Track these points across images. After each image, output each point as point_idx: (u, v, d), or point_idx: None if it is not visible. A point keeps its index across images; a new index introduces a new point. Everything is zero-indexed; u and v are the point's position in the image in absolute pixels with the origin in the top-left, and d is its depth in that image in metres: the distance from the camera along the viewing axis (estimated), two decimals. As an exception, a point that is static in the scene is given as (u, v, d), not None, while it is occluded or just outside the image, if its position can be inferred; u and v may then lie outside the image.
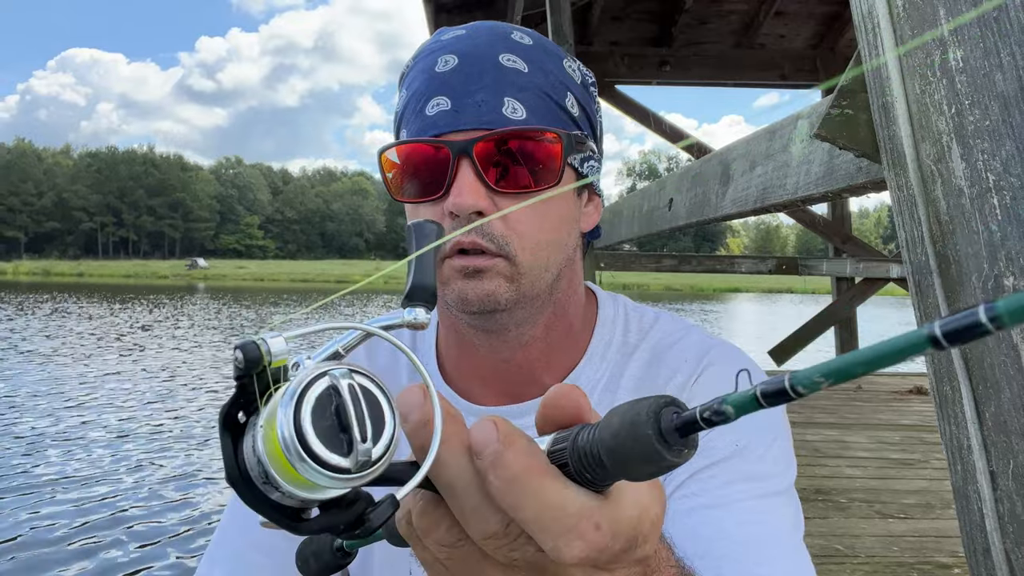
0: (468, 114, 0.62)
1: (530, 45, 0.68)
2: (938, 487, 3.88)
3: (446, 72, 0.64)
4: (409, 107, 0.66)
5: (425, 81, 0.65)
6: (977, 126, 0.78)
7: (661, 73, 6.26)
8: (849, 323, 7.90)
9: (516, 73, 0.64)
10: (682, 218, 2.32)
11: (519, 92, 0.64)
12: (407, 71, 0.71)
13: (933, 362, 0.91)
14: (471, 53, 0.64)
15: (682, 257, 7.57)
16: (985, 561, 0.85)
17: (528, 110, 0.64)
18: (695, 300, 46.15)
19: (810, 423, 5.28)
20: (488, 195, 0.63)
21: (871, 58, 0.94)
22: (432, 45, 0.69)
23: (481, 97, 0.63)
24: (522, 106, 0.64)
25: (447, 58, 0.65)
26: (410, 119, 0.66)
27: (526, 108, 0.64)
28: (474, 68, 0.63)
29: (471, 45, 0.65)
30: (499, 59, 0.64)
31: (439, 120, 0.63)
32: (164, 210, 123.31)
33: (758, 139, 1.60)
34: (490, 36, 0.67)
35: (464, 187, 0.62)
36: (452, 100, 0.63)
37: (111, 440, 7.45)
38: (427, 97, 0.64)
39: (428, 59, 0.67)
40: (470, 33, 0.68)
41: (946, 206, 0.83)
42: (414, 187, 0.65)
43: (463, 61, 0.64)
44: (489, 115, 0.63)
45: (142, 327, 19.61)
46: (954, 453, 0.88)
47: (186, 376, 11.71)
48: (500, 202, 0.64)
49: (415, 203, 0.66)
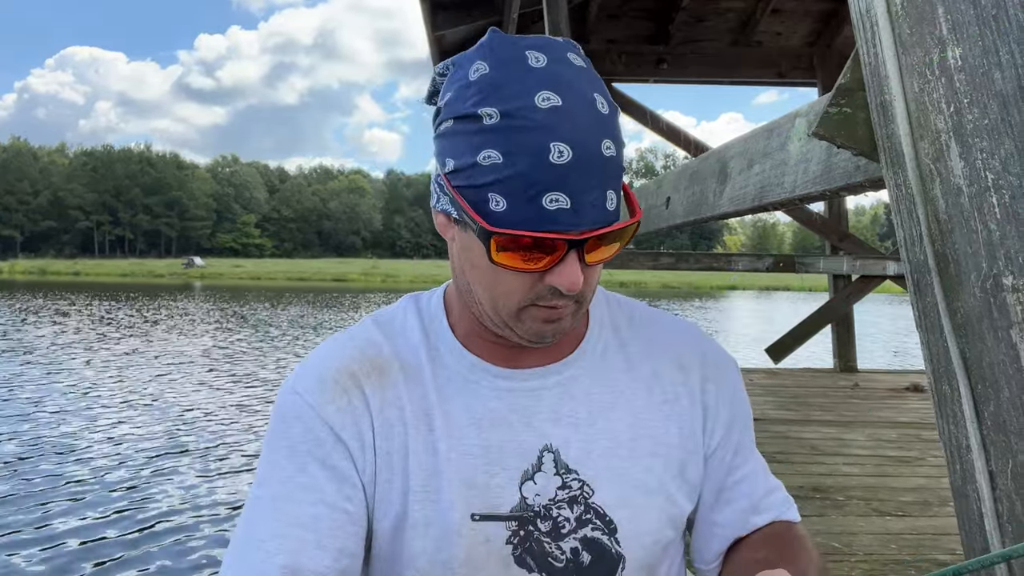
0: (585, 215, 0.71)
1: (608, 115, 0.73)
2: (935, 485, 3.89)
3: (562, 166, 0.69)
4: (515, 186, 0.70)
5: (537, 167, 0.69)
6: (976, 125, 0.78)
7: (658, 71, 6.26)
8: (846, 320, 7.91)
9: (611, 162, 0.72)
10: (680, 216, 2.32)
11: (614, 182, 0.73)
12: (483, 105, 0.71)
13: (932, 361, 0.90)
14: (581, 145, 0.70)
15: (680, 255, 7.57)
16: (984, 560, 0.85)
17: (617, 196, 0.74)
18: (693, 298, 46.20)
19: (807, 421, 5.29)
20: (583, 270, 0.74)
21: (869, 56, 0.94)
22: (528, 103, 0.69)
23: (594, 197, 0.71)
24: (615, 195, 0.73)
25: (560, 148, 0.69)
26: (519, 200, 0.70)
27: (616, 195, 0.74)
28: (586, 165, 0.70)
29: (576, 130, 0.70)
30: (602, 150, 0.71)
31: (560, 218, 0.70)
32: (160, 209, 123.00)
33: (756, 137, 1.60)
34: (587, 114, 0.71)
35: (573, 273, 0.72)
36: (571, 199, 0.70)
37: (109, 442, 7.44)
38: (542, 188, 0.69)
39: (537, 138, 0.69)
40: (567, 106, 0.70)
41: (945, 205, 0.83)
42: (517, 259, 0.73)
43: (577, 157, 0.69)
44: (599, 212, 0.72)
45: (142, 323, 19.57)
46: (953, 452, 0.88)
47: (182, 375, 11.69)
48: (587, 271, 0.76)
49: (516, 272, 0.74)
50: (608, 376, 0.86)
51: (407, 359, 0.84)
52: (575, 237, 0.71)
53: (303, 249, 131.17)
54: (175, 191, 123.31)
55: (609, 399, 0.85)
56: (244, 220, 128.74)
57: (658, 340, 0.91)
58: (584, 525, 0.81)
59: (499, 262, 0.73)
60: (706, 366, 0.90)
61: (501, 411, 0.82)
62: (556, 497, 0.80)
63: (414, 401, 0.82)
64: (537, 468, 0.80)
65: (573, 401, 0.84)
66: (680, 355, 0.90)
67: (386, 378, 0.83)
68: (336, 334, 0.90)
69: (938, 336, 0.88)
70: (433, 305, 0.89)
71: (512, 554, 0.79)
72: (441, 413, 0.81)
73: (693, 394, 0.88)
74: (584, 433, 0.83)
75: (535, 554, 0.80)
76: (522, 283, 0.75)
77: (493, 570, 0.79)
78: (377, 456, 0.80)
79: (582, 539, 0.80)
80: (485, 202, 0.71)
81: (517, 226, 0.70)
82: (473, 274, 0.77)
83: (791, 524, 0.89)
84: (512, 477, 0.80)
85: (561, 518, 0.80)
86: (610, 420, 0.84)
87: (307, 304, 31.12)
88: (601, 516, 0.81)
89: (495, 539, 0.79)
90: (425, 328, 0.87)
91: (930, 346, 0.90)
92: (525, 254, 0.72)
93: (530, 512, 0.80)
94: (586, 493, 0.81)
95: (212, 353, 14.54)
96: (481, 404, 0.82)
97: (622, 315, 0.93)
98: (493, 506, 0.79)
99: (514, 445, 0.81)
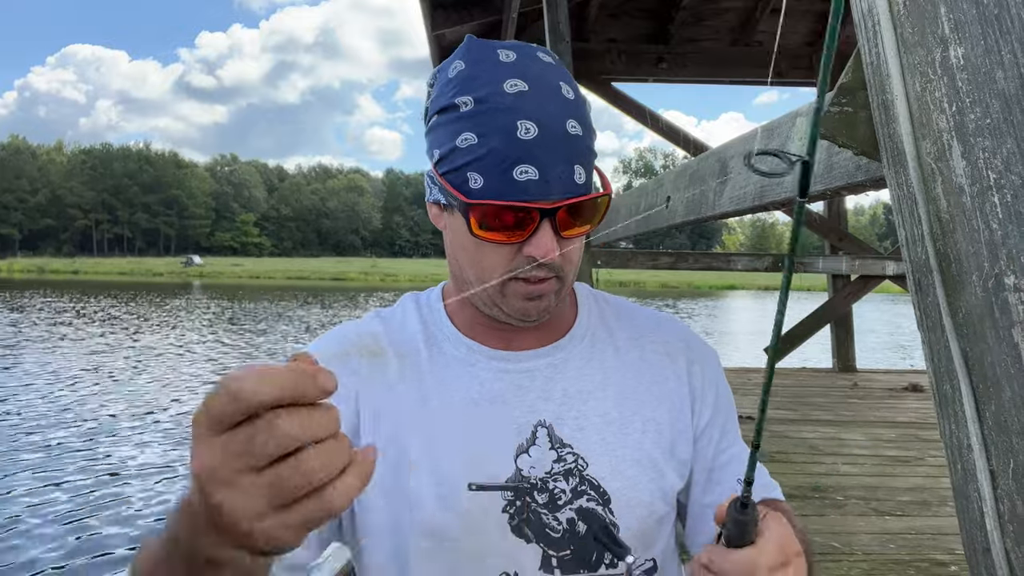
0: (554, 185, 0.77)
1: (575, 100, 0.81)
2: (934, 484, 3.89)
3: (528, 141, 0.77)
4: (489, 162, 0.78)
5: (507, 143, 0.77)
6: (978, 124, 0.78)
7: (658, 70, 6.25)
8: (845, 320, 7.92)
9: (577, 140, 0.79)
10: (680, 216, 2.32)
11: (580, 157, 0.80)
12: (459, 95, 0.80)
13: (933, 360, 0.90)
14: (546, 124, 0.77)
15: (679, 254, 7.56)
16: (985, 560, 0.85)
17: (586, 171, 0.81)
18: (693, 297, 46.19)
19: (807, 420, 5.29)
20: (560, 243, 0.81)
21: (871, 55, 0.94)
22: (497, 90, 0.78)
23: (561, 169, 0.78)
24: (583, 169, 0.80)
25: (527, 126, 0.76)
26: (493, 174, 0.77)
27: (584, 170, 0.80)
28: (552, 141, 0.77)
29: (542, 110, 0.78)
30: (567, 128, 0.78)
31: (530, 188, 0.77)
32: (159, 207, 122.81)
33: (756, 137, 1.60)
34: (553, 98, 0.79)
35: (547, 242, 0.79)
36: (539, 171, 0.77)
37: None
38: (512, 162, 0.77)
39: (505, 117, 0.77)
40: (533, 92, 0.78)
41: (946, 204, 0.83)
42: (496, 232, 0.80)
43: (542, 133, 0.77)
44: (567, 184, 0.78)
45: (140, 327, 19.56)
46: (954, 452, 0.88)
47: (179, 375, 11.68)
48: (563, 243, 0.82)
49: (495, 244, 0.81)
50: (597, 359, 0.92)
51: (403, 347, 0.90)
52: (546, 206, 0.78)
53: (302, 248, 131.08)
54: (174, 190, 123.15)
55: (599, 380, 0.90)
56: (243, 219, 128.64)
57: (644, 330, 0.97)
58: (579, 496, 0.84)
59: (479, 235, 0.80)
60: (691, 351, 0.96)
61: (496, 389, 0.87)
62: (552, 470, 0.84)
63: (408, 383, 0.87)
64: (531, 442, 0.85)
65: (565, 381, 0.89)
66: (666, 343, 0.96)
67: (377, 361, 0.88)
68: (341, 323, 0.97)
69: (939, 335, 0.88)
70: (432, 299, 0.96)
71: (509, 523, 0.83)
72: (438, 392, 0.87)
73: (680, 376, 0.93)
74: (576, 410, 0.87)
75: (532, 524, 0.84)
76: (502, 256, 0.81)
77: (491, 538, 0.83)
78: (362, 436, 0.85)
79: (578, 509, 0.84)
80: (465, 181, 0.79)
81: (493, 198, 0.77)
82: (462, 256, 0.84)
83: (777, 501, 0.93)
84: (507, 450, 0.85)
85: (557, 490, 0.84)
86: (600, 399, 0.89)
87: (307, 304, 31.09)
88: (595, 488, 0.85)
89: (492, 508, 0.83)
90: (423, 319, 0.94)
91: (931, 345, 0.90)
92: (503, 227, 0.79)
93: (526, 484, 0.84)
94: (580, 466, 0.85)
95: (214, 350, 14.54)
96: (477, 383, 0.87)
97: (609, 309, 0.99)
98: (489, 476, 0.83)
99: (508, 420, 0.86)
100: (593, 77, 6.15)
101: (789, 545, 0.63)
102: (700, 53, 6.46)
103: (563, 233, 0.80)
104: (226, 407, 0.44)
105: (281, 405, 0.44)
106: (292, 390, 0.44)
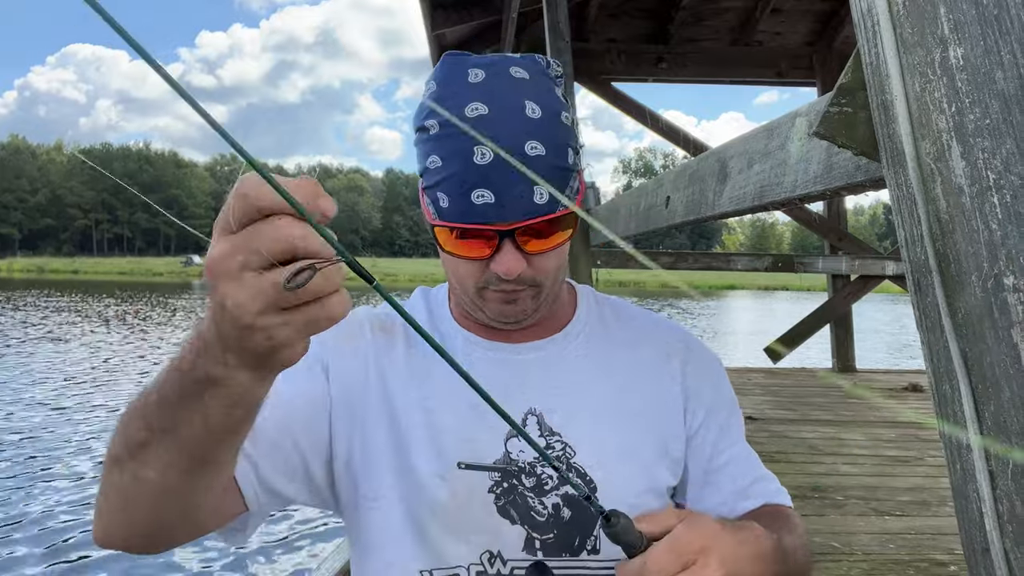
0: (510, 208, 0.79)
1: (541, 119, 0.81)
2: (934, 484, 3.89)
3: (484, 166, 0.78)
4: (450, 185, 0.80)
5: (464, 168, 0.79)
6: (977, 124, 0.78)
7: (658, 70, 6.26)
8: (845, 320, 7.91)
9: (539, 160, 0.80)
10: (679, 216, 2.32)
11: (544, 176, 0.80)
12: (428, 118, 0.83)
13: (932, 360, 0.90)
14: (503, 147, 0.78)
15: (679, 254, 7.56)
16: (984, 561, 0.85)
17: (554, 188, 0.81)
18: (692, 297, 46.16)
19: (806, 420, 5.29)
20: (524, 258, 0.83)
21: (871, 56, 0.94)
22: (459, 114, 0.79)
23: (518, 191, 0.78)
24: (548, 188, 0.80)
25: (483, 151, 0.78)
26: (454, 197, 0.80)
27: (553, 188, 0.81)
28: (508, 165, 0.77)
29: (499, 137, 0.78)
30: (525, 150, 0.79)
31: (488, 212, 0.79)
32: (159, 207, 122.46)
33: (756, 137, 1.60)
34: (512, 120, 0.79)
35: (509, 261, 0.81)
36: (495, 195, 0.78)
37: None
38: (470, 186, 0.79)
39: (461, 142, 0.79)
40: (493, 115, 0.79)
41: (946, 205, 0.83)
42: (461, 248, 0.84)
43: (498, 157, 0.77)
44: (525, 206, 0.79)
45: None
46: (953, 452, 0.88)
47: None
48: (532, 259, 0.84)
49: (464, 259, 0.84)
50: (592, 355, 0.94)
51: (411, 332, 0.95)
52: (503, 228, 0.80)
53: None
54: (173, 189, 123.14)
55: (592, 374, 0.92)
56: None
57: (642, 331, 0.99)
58: (566, 483, 0.87)
59: (447, 250, 0.84)
60: (688, 352, 0.98)
61: (490, 377, 0.89)
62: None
63: (412, 362, 0.91)
64: (522, 427, 0.87)
65: (558, 373, 0.92)
66: (665, 344, 0.98)
67: (389, 338, 0.94)
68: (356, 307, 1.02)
69: (939, 336, 0.88)
70: (439, 293, 1.01)
71: (495, 503, 0.86)
72: (436, 375, 0.90)
73: (674, 376, 0.95)
74: (567, 401, 0.90)
75: (518, 507, 0.86)
76: (471, 270, 0.85)
77: (476, 516, 0.85)
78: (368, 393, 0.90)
79: (563, 496, 0.87)
80: (436, 200, 0.82)
81: (453, 219, 0.81)
82: (444, 264, 0.89)
83: (780, 505, 0.93)
84: (497, 433, 0.87)
85: (545, 475, 0.87)
86: (592, 393, 0.91)
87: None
88: (582, 476, 0.87)
89: (478, 487, 0.86)
90: (430, 310, 0.99)
91: (931, 346, 0.90)
92: (466, 244, 0.83)
93: (514, 467, 0.86)
94: (568, 454, 0.88)
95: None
96: (473, 371, 0.88)
97: (609, 309, 1.02)
98: (478, 456, 0.86)
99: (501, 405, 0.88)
100: (593, 77, 6.16)
101: (689, 543, 0.67)
102: (700, 53, 6.47)
103: (527, 249, 0.82)
104: (235, 206, 0.48)
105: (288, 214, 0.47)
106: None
